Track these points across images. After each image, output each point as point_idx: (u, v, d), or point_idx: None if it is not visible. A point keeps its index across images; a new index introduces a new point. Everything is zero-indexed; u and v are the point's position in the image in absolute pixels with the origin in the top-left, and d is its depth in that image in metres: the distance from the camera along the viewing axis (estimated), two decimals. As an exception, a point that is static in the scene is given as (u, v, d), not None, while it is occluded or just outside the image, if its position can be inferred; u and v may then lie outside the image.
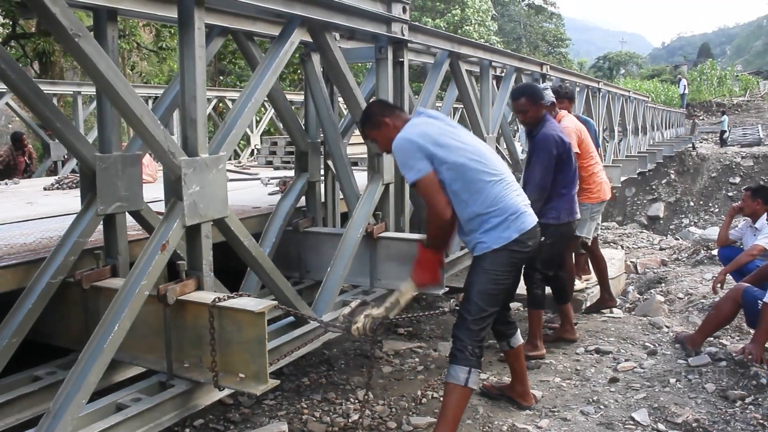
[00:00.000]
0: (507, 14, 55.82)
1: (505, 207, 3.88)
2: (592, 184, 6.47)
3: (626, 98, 16.68)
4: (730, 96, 44.29)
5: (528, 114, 5.36)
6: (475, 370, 3.93)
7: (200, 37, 3.15)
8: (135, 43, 19.32)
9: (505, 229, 3.88)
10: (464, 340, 3.92)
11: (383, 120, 4.03)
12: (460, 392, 3.93)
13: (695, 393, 4.87)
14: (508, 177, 4.01)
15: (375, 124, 4.06)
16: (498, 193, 3.88)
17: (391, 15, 4.58)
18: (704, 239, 12.86)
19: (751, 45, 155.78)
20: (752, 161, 25.08)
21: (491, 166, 3.92)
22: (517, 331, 4.59)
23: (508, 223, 3.88)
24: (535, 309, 5.71)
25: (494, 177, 3.89)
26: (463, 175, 3.83)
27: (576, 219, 5.69)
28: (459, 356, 3.93)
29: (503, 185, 3.92)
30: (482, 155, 3.94)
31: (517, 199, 3.98)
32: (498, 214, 3.87)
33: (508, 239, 3.88)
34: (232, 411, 4.86)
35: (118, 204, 3.65)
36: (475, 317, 3.93)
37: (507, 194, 3.92)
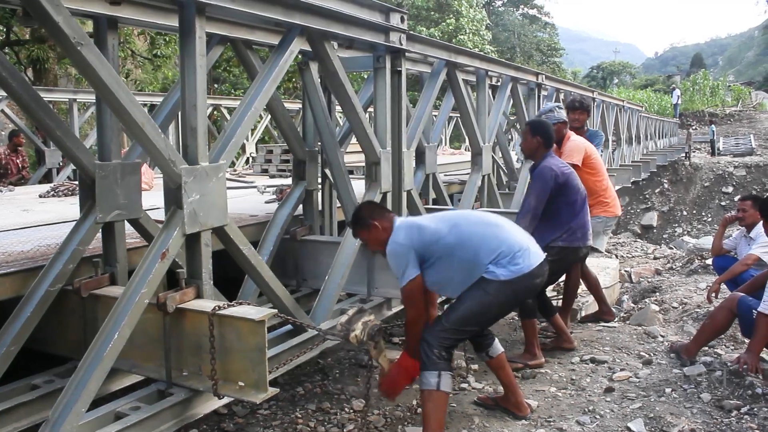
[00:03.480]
0: (501, 24, 55.89)
1: (509, 246, 4.07)
2: (608, 198, 6.53)
3: (620, 108, 16.72)
4: (722, 106, 44.41)
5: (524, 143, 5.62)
6: (445, 373, 4.03)
7: (201, 46, 3.17)
8: (130, 50, 19.29)
9: (515, 264, 4.04)
10: (431, 344, 4.03)
11: (372, 223, 4.16)
12: (435, 397, 4.03)
13: (691, 403, 4.87)
14: (499, 221, 4.24)
15: (365, 225, 4.20)
16: (497, 235, 4.09)
17: (389, 24, 4.59)
18: (698, 248, 12.90)
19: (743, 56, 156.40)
20: (744, 171, 25.16)
21: (479, 219, 4.22)
22: (494, 341, 4.61)
23: (517, 259, 4.05)
24: (528, 318, 5.72)
25: (485, 225, 4.16)
26: (459, 239, 4.04)
27: (587, 246, 5.72)
28: (427, 362, 4.03)
29: (499, 229, 4.15)
30: (467, 217, 4.30)
31: (518, 236, 4.19)
32: (506, 254, 4.04)
33: (519, 273, 4.03)
34: (227, 421, 4.85)
35: (117, 212, 3.65)
36: (452, 328, 4.06)
37: (507, 235, 4.12)
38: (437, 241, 4.01)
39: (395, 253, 4.02)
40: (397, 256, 4.02)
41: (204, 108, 3.25)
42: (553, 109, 6.29)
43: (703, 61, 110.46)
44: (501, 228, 4.16)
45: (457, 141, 24.68)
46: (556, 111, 6.23)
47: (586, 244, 5.70)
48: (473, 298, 4.05)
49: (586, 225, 5.64)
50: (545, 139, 5.51)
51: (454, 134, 22.72)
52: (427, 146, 6.67)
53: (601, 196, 6.44)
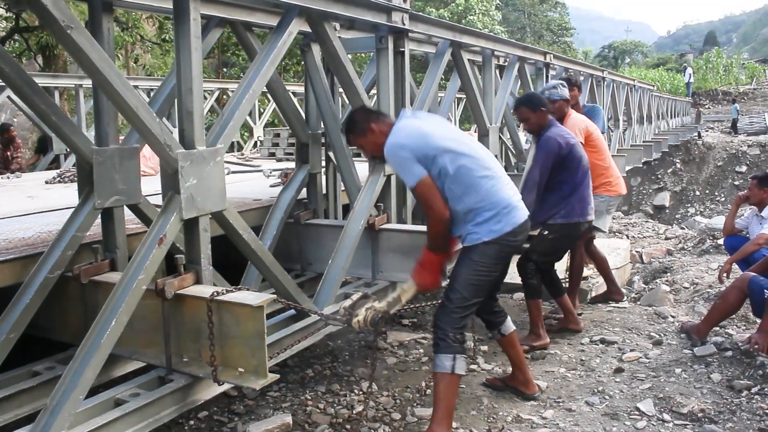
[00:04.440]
0: (511, 3, 55.54)
1: (497, 201, 3.93)
2: (610, 177, 6.48)
3: (631, 87, 16.61)
4: (736, 84, 44.06)
5: (531, 122, 5.46)
6: (459, 356, 3.96)
7: (196, 28, 3.12)
8: (138, 35, 19.26)
9: (497, 222, 3.92)
10: (445, 328, 3.96)
11: (369, 126, 4.03)
12: (448, 380, 3.97)
13: (701, 383, 4.84)
14: (499, 172, 4.07)
15: (360, 131, 4.07)
16: (490, 187, 3.94)
17: (391, 4, 4.54)
18: (710, 228, 12.79)
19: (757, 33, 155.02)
20: (759, 150, 24.93)
21: (482, 162, 3.98)
22: (506, 319, 4.59)
23: (500, 216, 3.93)
24: (532, 299, 5.69)
25: (486, 172, 3.95)
26: (456, 170, 3.86)
27: (587, 221, 5.64)
28: (441, 345, 3.97)
29: (495, 180, 3.98)
30: (473, 151, 4.00)
31: (509, 193, 4.04)
32: (490, 208, 3.92)
33: (500, 232, 3.92)
34: (237, 403, 4.86)
35: (116, 198, 3.62)
36: (457, 305, 3.98)
37: (499, 189, 3.98)
38: (435, 158, 3.83)
39: (395, 154, 3.87)
40: (397, 157, 3.86)
41: (200, 92, 3.21)
42: (557, 86, 6.22)
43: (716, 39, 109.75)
44: (498, 180, 4.00)
45: (468, 122, 24.56)
46: (559, 88, 6.15)
47: (586, 219, 5.62)
48: (464, 271, 3.98)
49: (586, 199, 5.56)
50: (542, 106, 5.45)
51: (464, 116, 22.60)
52: (433, 128, 6.61)
53: (603, 174, 6.38)
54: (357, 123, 4.08)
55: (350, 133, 4.16)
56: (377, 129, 4.01)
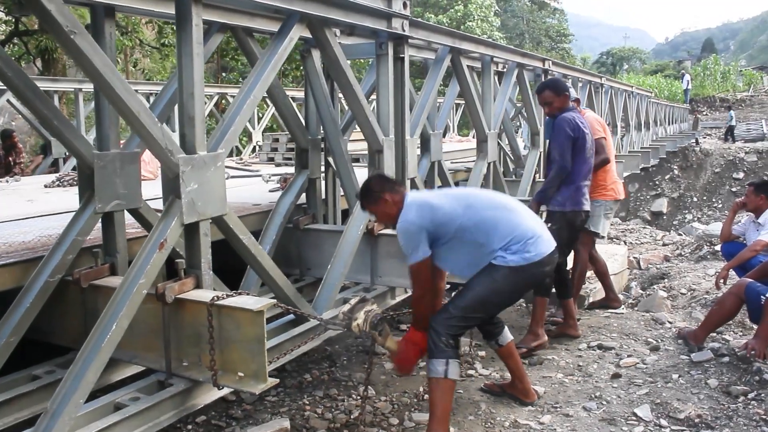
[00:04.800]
0: (510, 10, 55.62)
1: (522, 233, 4.00)
2: (607, 181, 6.50)
3: (629, 94, 16.62)
4: (733, 91, 44.10)
5: (553, 105, 5.58)
6: (452, 361, 3.98)
7: (197, 34, 3.14)
8: (138, 39, 19.28)
9: (526, 252, 3.98)
10: (439, 331, 3.99)
11: (383, 197, 4.09)
12: (443, 385, 3.99)
13: (698, 389, 4.84)
14: (513, 205, 4.18)
15: (375, 200, 4.13)
16: (510, 220, 4.04)
17: (391, 11, 4.55)
18: (707, 235, 12.79)
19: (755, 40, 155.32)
20: (756, 156, 24.95)
21: (493, 202, 4.15)
22: (504, 329, 4.60)
23: (529, 246, 3.99)
24: (541, 296, 5.71)
25: (500, 208, 4.08)
26: (472, 222, 3.98)
27: (582, 210, 5.68)
28: (434, 350, 3.99)
29: (513, 213, 4.08)
30: (481, 198, 4.18)
31: (531, 223, 4.12)
32: (517, 241, 3.99)
33: (529, 260, 3.97)
34: (235, 407, 4.87)
35: (117, 202, 3.63)
36: (460, 314, 4.01)
37: (520, 221, 4.06)
38: (450, 221, 3.95)
39: (406, 231, 3.95)
40: (407, 234, 3.95)
41: (201, 97, 3.22)
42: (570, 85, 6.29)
43: (714, 46, 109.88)
44: (515, 213, 4.11)
45: (466, 128, 24.59)
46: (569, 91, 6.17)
47: (582, 208, 5.71)
48: (481, 284, 4.01)
49: (581, 190, 5.66)
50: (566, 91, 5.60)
51: (462, 121, 22.64)
52: (432, 133, 6.63)
53: (601, 179, 6.40)
54: (372, 192, 4.14)
55: (364, 200, 4.22)
56: (391, 199, 4.07)
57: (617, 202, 6.85)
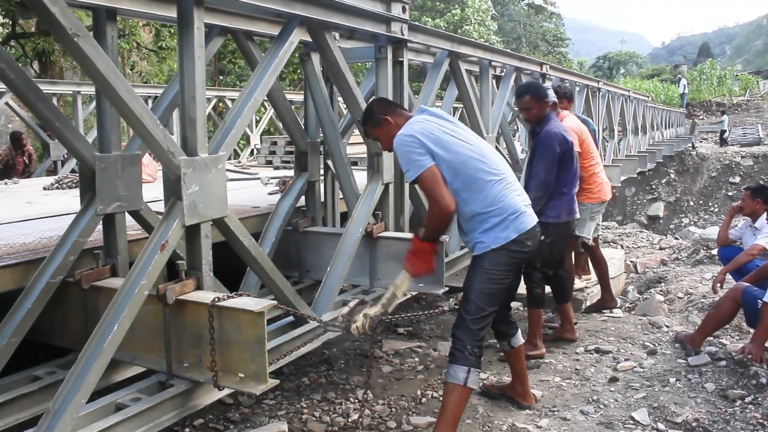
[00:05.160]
0: (507, 14, 55.78)
1: (504, 207, 3.88)
2: (592, 184, 6.49)
3: (626, 98, 16.67)
4: (730, 96, 44.23)
5: (532, 111, 5.40)
6: (474, 370, 3.93)
7: (199, 37, 3.15)
8: (135, 42, 19.29)
9: (504, 228, 3.87)
10: (463, 340, 3.93)
11: (385, 118, 4.01)
12: (459, 392, 3.94)
13: (695, 392, 4.87)
14: (509, 177, 4.01)
15: (377, 122, 4.05)
16: (498, 192, 3.88)
17: (390, 15, 4.57)
18: (704, 239, 12.87)
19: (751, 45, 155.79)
20: (752, 161, 25.05)
21: (492, 166, 3.92)
22: (517, 331, 4.59)
23: (507, 222, 3.88)
24: (535, 308, 5.72)
25: (495, 176, 3.90)
26: (464, 173, 3.82)
27: (575, 218, 5.72)
28: (458, 356, 3.94)
29: (503, 185, 3.92)
30: (483, 154, 3.94)
31: (517, 198, 3.97)
32: (497, 214, 3.87)
33: (507, 239, 3.88)
34: (232, 410, 4.87)
35: (118, 204, 3.64)
36: (474, 317, 3.94)
37: (507, 194, 3.92)
38: (444, 157, 3.78)
39: (405, 143, 3.78)
40: (405, 146, 3.78)
41: (203, 99, 3.24)
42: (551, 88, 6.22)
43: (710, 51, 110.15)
44: (508, 185, 3.95)
45: (463, 132, 24.59)
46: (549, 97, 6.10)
47: (574, 217, 5.72)
48: (476, 281, 3.96)
49: (573, 198, 5.63)
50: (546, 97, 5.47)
51: (459, 125, 22.63)
52: (431, 137, 6.65)
53: (586, 182, 6.38)
54: (374, 114, 4.07)
55: (367, 123, 4.13)
56: (393, 121, 3.98)
57: (603, 203, 6.85)
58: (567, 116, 6.34)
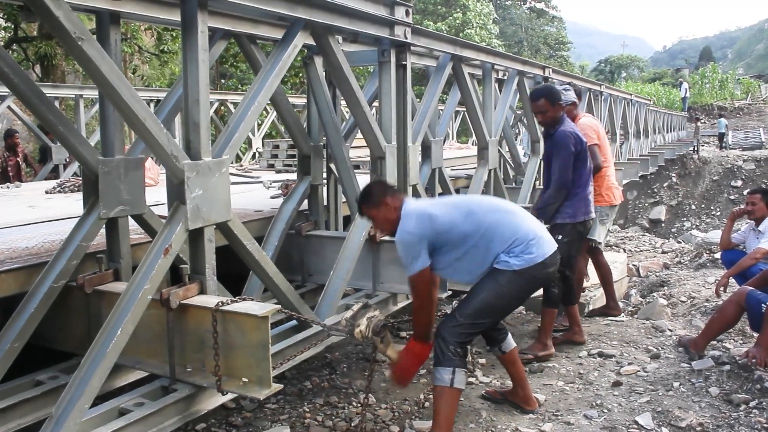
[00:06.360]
0: (508, 17, 55.84)
1: (524, 235, 4.01)
2: (603, 187, 6.50)
3: (628, 101, 16.67)
4: (731, 99, 44.26)
5: (547, 114, 5.49)
6: (459, 370, 3.98)
7: (203, 41, 3.15)
8: (137, 46, 19.30)
9: (529, 253, 3.98)
10: (447, 340, 3.98)
11: (383, 201, 4.07)
12: (447, 394, 3.99)
13: (699, 397, 4.85)
14: (512, 208, 4.20)
15: (375, 203, 4.10)
16: (510, 222, 4.03)
17: (394, 18, 4.57)
18: (707, 242, 12.83)
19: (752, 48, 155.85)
20: (754, 164, 25.04)
21: (493, 206, 4.13)
22: (507, 336, 4.59)
23: (531, 248, 3.99)
24: (550, 308, 5.72)
25: (500, 212, 4.08)
26: (474, 227, 3.97)
27: (591, 218, 5.72)
28: (442, 358, 3.99)
29: (513, 216, 4.08)
30: (481, 204, 4.17)
31: (532, 224, 4.12)
32: (519, 243, 3.99)
33: (532, 262, 3.98)
34: (234, 415, 4.85)
35: (121, 208, 3.64)
36: (468, 321, 4.01)
37: (520, 223, 4.05)
38: (450, 230, 3.94)
39: (405, 242, 3.93)
40: (407, 245, 3.93)
41: (207, 103, 3.24)
42: (568, 89, 6.28)
43: (712, 54, 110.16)
44: (515, 215, 4.11)
45: (465, 135, 24.63)
46: (563, 94, 6.10)
47: (590, 216, 5.74)
48: (486, 289, 4.00)
49: (588, 198, 5.67)
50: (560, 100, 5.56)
51: (461, 129, 22.67)
52: (433, 141, 6.65)
53: (598, 184, 6.39)
54: (373, 195, 4.12)
55: (364, 203, 4.18)
56: (392, 203, 4.06)
57: (614, 207, 6.86)
58: (584, 116, 6.40)
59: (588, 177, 5.60)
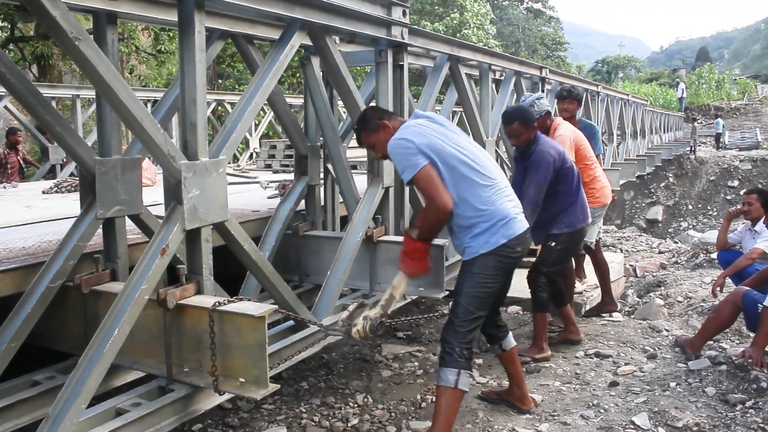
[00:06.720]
0: (505, 18, 55.86)
1: (494, 212, 3.90)
2: (595, 186, 6.49)
3: (625, 102, 16.69)
4: (728, 99, 44.33)
5: (521, 138, 5.31)
6: (464, 372, 3.97)
7: (200, 41, 3.15)
8: (134, 46, 19.31)
9: (493, 234, 3.90)
10: (452, 342, 3.97)
11: (382, 122, 4.02)
12: (450, 394, 3.98)
13: (695, 397, 4.86)
14: (501, 183, 4.03)
15: (374, 127, 4.04)
16: (488, 197, 3.90)
17: (391, 18, 4.57)
18: (703, 242, 12.86)
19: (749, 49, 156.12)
20: (750, 164, 25.09)
21: (485, 171, 3.94)
22: (508, 334, 4.59)
23: (497, 228, 3.90)
24: (540, 312, 5.72)
25: (486, 182, 3.92)
26: (455, 177, 3.84)
27: (588, 223, 5.72)
28: (448, 359, 3.98)
29: (494, 190, 3.95)
30: (477, 159, 3.95)
31: (507, 204, 4.00)
32: (486, 219, 3.89)
33: (495, 244, 3.91)
34: (231, 415, 4.85)
35: (118, 208, 3.64)
36: (462, 320, 3.99)
37: (497, 199, 3.94)
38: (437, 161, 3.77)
39: (400, 146, 3.79)
40: (401, 148, 3.79)
41: (204, 103, 3.23)
42: (533, 103, 6.02)
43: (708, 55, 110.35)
44: (495, 189, 3.94)
45: (462, 135, 24.61)
46: (537, 104, 5.99)
47: (587, 222, 5.73)
48: (466, 285, 3.99)
49: (584, 204, 5.64)
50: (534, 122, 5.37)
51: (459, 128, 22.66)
52: (430, 141, 6.64)
53: (588, 186, 6.33)
54: (370, 120, 4.07)
55: (362, 130, 4.11)
56: (390, 125, 3.99)
57: (605, 207, 6.86)
58: (561, 124, 6.29)
59: (578, 185, 5.56)
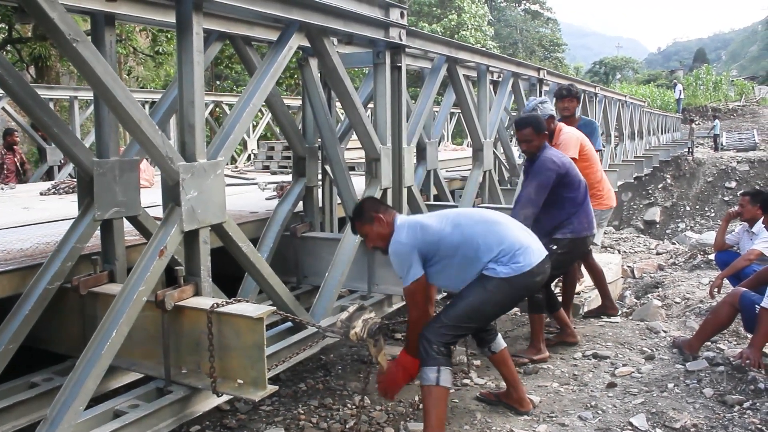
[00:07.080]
0: (503, 19, 55.85)
1: (510, 245, 4.04)
2: (602, 190, 6.49)
3: (622, 103, 16.69)
4: (725, 101, 44.35)
5: (532, 144, 5.40)
6: (444, 368, 4.01)
7: (198, 42, 3.15)
8: (131, 47, 19.30)
9: (516, 262, 4.02)
10: (431, 340, 4.02)
11: (376, 216, 4.11)
12: (435, 392, 4.01)
13: (693, 398, 4.85)
14: (502, 219, 4.22)
15: (368, 218, 4.14)
16: (497, 233, 4.07)
17: (388, 20, 4.57)
18: (701, 244, 12.86)
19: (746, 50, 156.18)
20: (748, 166, 25.10)
21: (480, 217, 4.15)
22: (497, 336, 4.60)
23: (518, 257, 4.03)
24: (537, 313, 5.71)
25: (487, 223, 4.11)
26: (462, 238, 4.01)
27: (592, 234, 5.70)
28: (426, 357, 4.02)
29: (500, 226, 4.12)
30: (468, 215, 4.20)
31: (520, 234, 4.15)
32: (506, 252, 4.02)
33: (519, 271, 4.00)
34: (229, 417, 4.85)
35: (116, 209, 3.64)
36: (452, 323, 4.05)
37: (507, 233, 4.09)
38: (440, 240, 3.99)
39: (398, 252, 3.99)
40: (400, 255, 3.99)
41: (202, 105, 3.24)
42: (536, 106, 6.12)
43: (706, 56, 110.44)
44: (502, 225, 4.14)
45: (459, 137, 24.66)
46: (540, 108, 6.08)
47: (592, 232, 5.71)
48: (473, 294, 4.03)
49: (589, 213, 5.63)
50: (545, 130, 5.46)
51: (456, 130, 22.71)
52: (428, 142, 6.65)
53: (595, 188, 6.34)
54: (365, 211, 4.16)
55: (357, 220, 4.22)
56: (384, 219, 4.10)
57: (610, 210, 6.87)
58: (564, 128, 6.31)
59: (585, 191, 5.57)
